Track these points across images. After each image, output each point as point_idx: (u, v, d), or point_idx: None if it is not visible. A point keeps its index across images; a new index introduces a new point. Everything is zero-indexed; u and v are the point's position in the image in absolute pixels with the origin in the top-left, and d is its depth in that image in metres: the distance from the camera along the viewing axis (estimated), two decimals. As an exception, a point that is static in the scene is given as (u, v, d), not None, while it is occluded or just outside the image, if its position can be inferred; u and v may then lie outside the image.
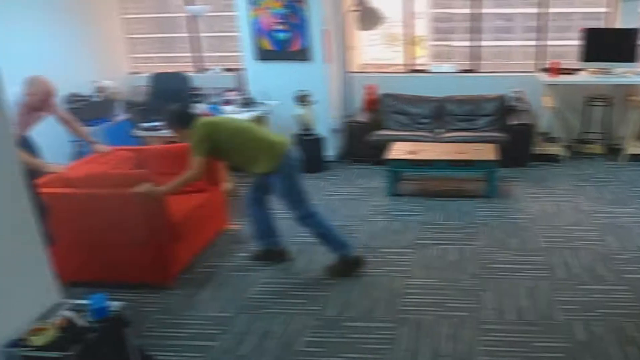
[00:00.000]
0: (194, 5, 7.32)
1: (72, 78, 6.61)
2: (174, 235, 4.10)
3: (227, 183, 5.28)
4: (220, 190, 5.08)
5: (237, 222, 5.07)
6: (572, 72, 6.78)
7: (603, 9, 7.13)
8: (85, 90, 6.77)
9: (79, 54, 6.97)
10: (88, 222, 3.87)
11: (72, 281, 3.39)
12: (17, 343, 2.37)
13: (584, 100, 6.77)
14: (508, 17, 7.75)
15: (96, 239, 3.94)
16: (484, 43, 7.11)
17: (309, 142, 6.49)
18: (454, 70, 7.28)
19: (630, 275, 4.07)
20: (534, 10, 7.10)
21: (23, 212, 2.49)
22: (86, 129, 5.12)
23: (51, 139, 5.34)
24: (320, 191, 5.97)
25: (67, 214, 3.77)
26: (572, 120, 7.00)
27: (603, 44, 6.67)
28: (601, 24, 7.21)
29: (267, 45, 6.59)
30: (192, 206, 4.50)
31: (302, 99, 6.36)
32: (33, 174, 3.41)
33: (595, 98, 6.75)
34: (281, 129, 6.38)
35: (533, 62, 7.23)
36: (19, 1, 5.99)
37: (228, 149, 3.86)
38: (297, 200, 3.91)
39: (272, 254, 4.30)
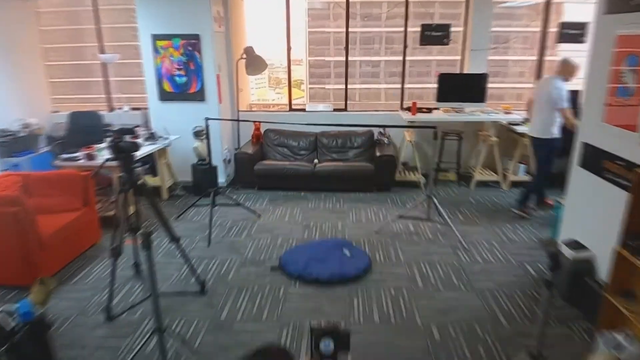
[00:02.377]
0: (106, 53, 8.01)
1: (1, 116, 7.32)
2: (40, 246, 4.66)
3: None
4: (92, 209, 5.60)
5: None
6: (429, 110, 7.80)
7: (457, 57, 8.29)
8: (13, 126, 7.41)
9: (7, 95, 7.54)
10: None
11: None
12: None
13: (440, 135, 7.73)
14: (375, 64, 8.95)
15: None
16: (355, 85, 8.17)
17: (203, 170, 7.30)
18: (328, 109, 8.28)
19: (478, 285, 4.74)
20: (398, 57, 8.12)
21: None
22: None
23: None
24: (214, 212, 6.61)
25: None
26: (429, 152, 7.87)
27: (455, 86, 7.68)
28: (455, 70, 8.29)
29: (169, 87, 7.46)
30: (64, 223, 5.08)
31: (198, 134, 7.19)
32: None
33: (449, 133, 7.81)
34: (180, 159, 7.46)
35: (397, 102, 8.29)
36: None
37: None
38: None
39: None
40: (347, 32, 8.04)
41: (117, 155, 4.28)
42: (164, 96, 7.55)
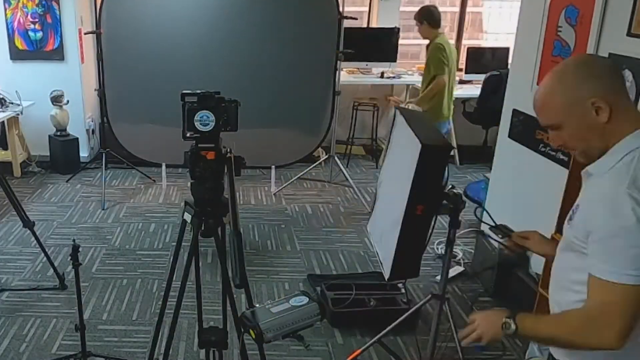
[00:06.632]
0: None
1: None
2: None
3: None
4: None
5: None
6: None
7: (363, 8, 8.11)
8: None
9: None
10: None
11: None
12: None
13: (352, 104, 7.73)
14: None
15: None
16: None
17: (63, 142, 7.03)
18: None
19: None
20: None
21: None
22: None
23: None
24: (76, 192, 6.48)
25: None
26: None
27: (361, 43, 7.19)
28: (361, 24, 7.98)
29: (21, 44, 7.02)
30: None
31: (57, 99, 6.86)
32: None
33: (362, 102, 7.71)
34: (35, 130, 7.08)
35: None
36: None
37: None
38: None
39: None
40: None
41: None
42: (16, 55, 7.13)
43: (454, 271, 4.65)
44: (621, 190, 1.53)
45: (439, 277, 3.93)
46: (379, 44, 7.62)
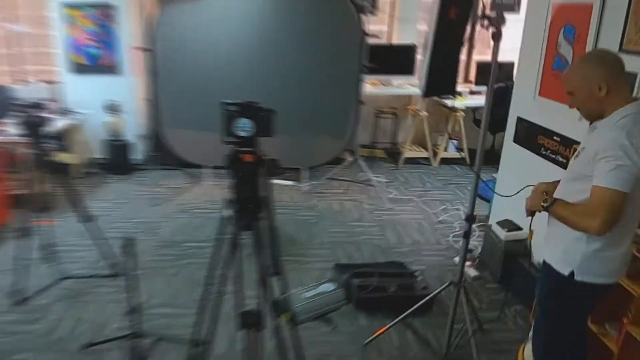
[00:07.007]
0: (12, 23, 7.54)
1: None
2: None
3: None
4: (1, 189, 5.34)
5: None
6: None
7: (384, 27, 8.07)
8: None
9: None
10: None
11: None
12: None
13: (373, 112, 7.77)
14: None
15: None
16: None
17: (118, 146, 7.12)
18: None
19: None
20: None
21: None
22: None
23: None
24: (130, 191, 6.54)
25: None
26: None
27: (383, 58, 7.16)
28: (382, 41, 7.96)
29: (82, 60, 7.10)
30: None
31: (113, 109, 6.96)
32: None
33: (383, 111, 7.79)
34: (94, 135, 7.17)
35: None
36: None
37: None
38: None
39: None
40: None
41: (27, 132, 4.12)
42: (77, 69, 7.20)
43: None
44: (621, 135, 2.11)
45: (457, 259, 3.95)
46: (398, 59, 7.56)
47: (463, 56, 6.19)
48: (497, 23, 2.99)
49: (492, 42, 3.09)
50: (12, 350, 3.57)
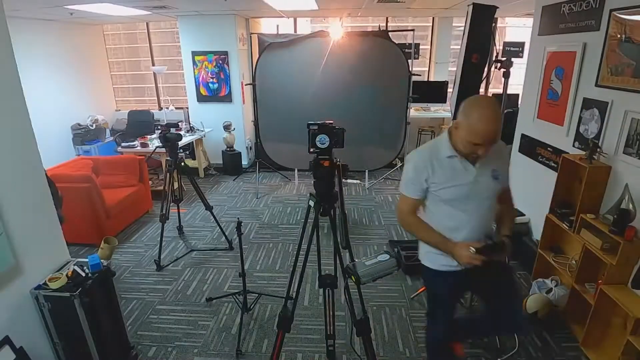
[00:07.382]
0: (156, 66, 7.93)
1: (75, 113, 7.22)
2: (106, 214, 4.63)
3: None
4: (145, 185, 5.44)
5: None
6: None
7: (425, 68, 8.12)
8: (85, 121, 7.30)
9: (81, 98, 7.42)
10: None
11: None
12: (40, 287, 2.43)
13: (417, 130, 7.70)
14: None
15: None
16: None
17: (231, 155, 7.25)
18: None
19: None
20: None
21: (44, 199, 2.58)
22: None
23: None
24: (239, 188, 6.63)
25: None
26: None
27: (424, 91, 7.17)
28: (424, 78, 8.00)
29: (204, 92, 7.27)
30: (124, 195, 5.01)
31: (227, 127, 7.12)
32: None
33: (425, 129, 7.68)
34: (213, 147, 7.39)
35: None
36: (42, 64, 6.44)
37: None
38: None
39: None
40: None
41: (165, 144, 4.25)
42: (201, 98, 7.37)
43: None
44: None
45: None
46: (434, 91, 7.47)
47: (482, 89, 6.09)
48: (506, 65, 3.15)
49: (503, 79, 3.18)
50: (156, 302, 3.73)
